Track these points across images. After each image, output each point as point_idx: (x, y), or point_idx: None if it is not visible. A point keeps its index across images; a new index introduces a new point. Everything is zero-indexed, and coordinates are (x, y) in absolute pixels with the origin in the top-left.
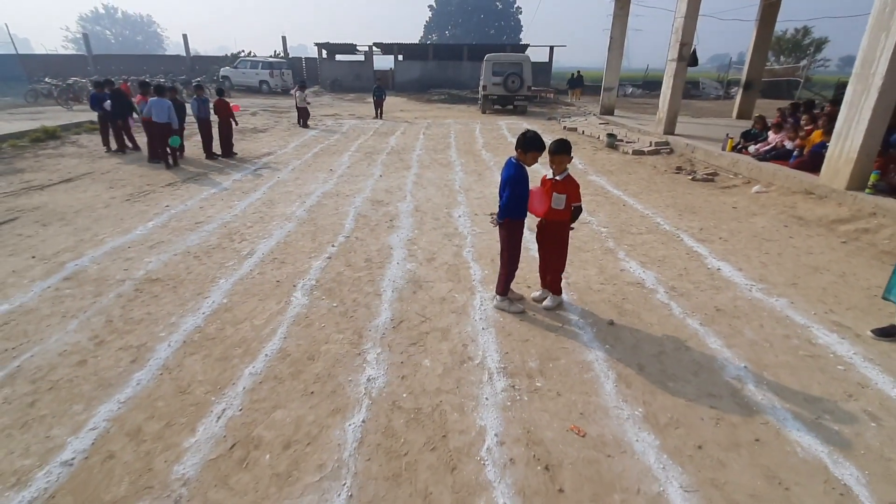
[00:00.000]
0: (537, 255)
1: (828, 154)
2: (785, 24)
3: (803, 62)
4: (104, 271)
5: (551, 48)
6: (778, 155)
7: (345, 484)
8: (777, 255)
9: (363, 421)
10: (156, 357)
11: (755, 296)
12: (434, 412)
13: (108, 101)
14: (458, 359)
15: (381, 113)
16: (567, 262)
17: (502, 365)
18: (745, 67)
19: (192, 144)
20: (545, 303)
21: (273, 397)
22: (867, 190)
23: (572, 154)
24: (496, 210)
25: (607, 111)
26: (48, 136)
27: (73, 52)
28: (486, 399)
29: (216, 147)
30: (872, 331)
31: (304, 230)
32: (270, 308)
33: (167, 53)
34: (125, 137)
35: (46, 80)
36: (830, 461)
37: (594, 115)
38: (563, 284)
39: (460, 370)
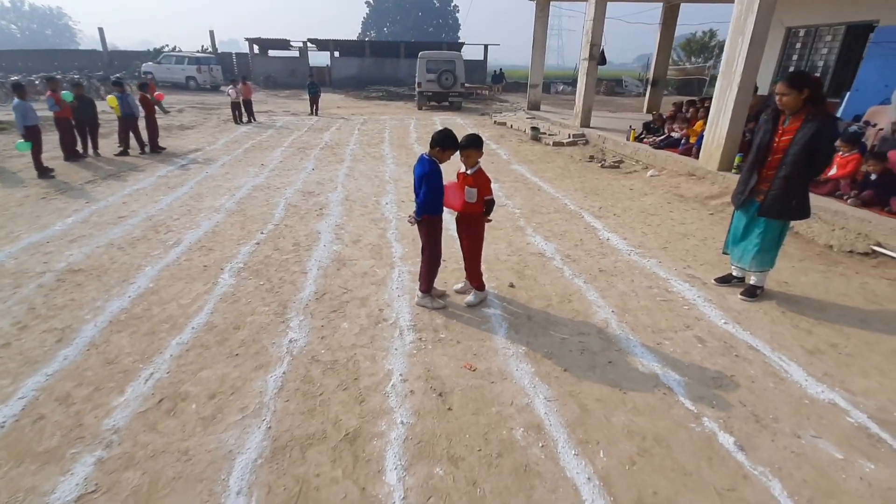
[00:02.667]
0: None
1: (703, 140)
2: (688, 27)
3: (710, 62)
4: (22, 265)
5: (486, 46)
6: (670, 143)
7: (264, 419)
8: (657, 226)
9: (283, 373)
10: (82, 336)
11: (632, 258)
12: (348, 362)
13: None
14: (373, 320)
15: (317, 109)
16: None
17: (412, 323)
18: (652, 66)
19: (113, 141)
20: (468, 299)
21: (199, 361)
22: (734, 170)
23: (499, 146)
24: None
25: (533, 106)
26: None
27: None
28: (396, 349)
29: (127, 143)
30: (715, 279)
31: (232, 220)
32: (197, 289)
33: (81, 48)
34: None
35: None
36: (661, 373)
37: (523, 110)
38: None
39: (375, 329)
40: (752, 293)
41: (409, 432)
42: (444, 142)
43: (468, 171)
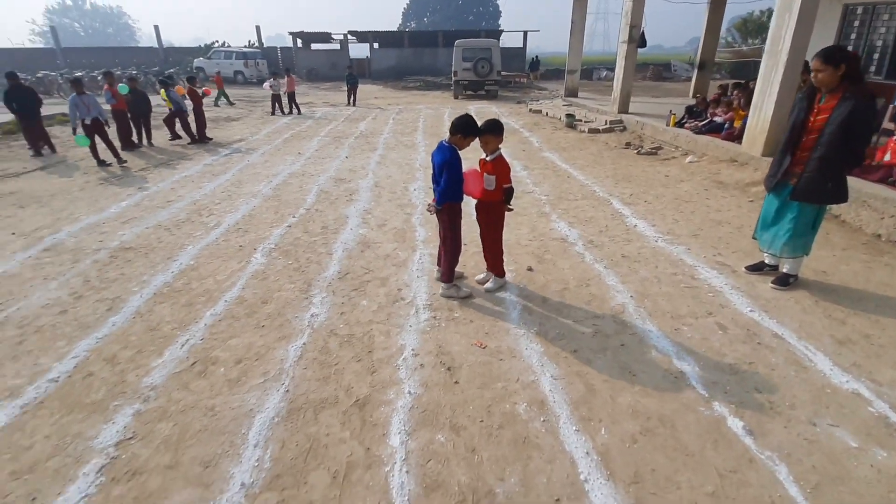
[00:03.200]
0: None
1: (747, 125)
2: (744, 6)
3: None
4: (80, 243)
5: (525, 33)
6: (712, 128)
7: (283, 384)
8: (690, 214)
9: (303, 344)
10: (129, 306)
11: (659, 245)
12: (364, 336)
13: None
14: (391, 299)
15: (355, 100)
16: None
17: (428, 302)
18: (699, 49)
19: (166, 132)
20: (487, 285)
21: (230, 330)
22: None
23: (532, 133)
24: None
25: (571, 93)
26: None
27: (42, 46)
28: (410, 326)
29: (173, 132)
30: (746, 267)
31: (268, 205)
32: (232, 267)
33: (140, 45)
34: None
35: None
36: (676, 357)
37: (560, 97)
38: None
39: (392, 307)
40: (785, 282)
41: (416, 402)
42: (465, 128)
43: (487, 158)
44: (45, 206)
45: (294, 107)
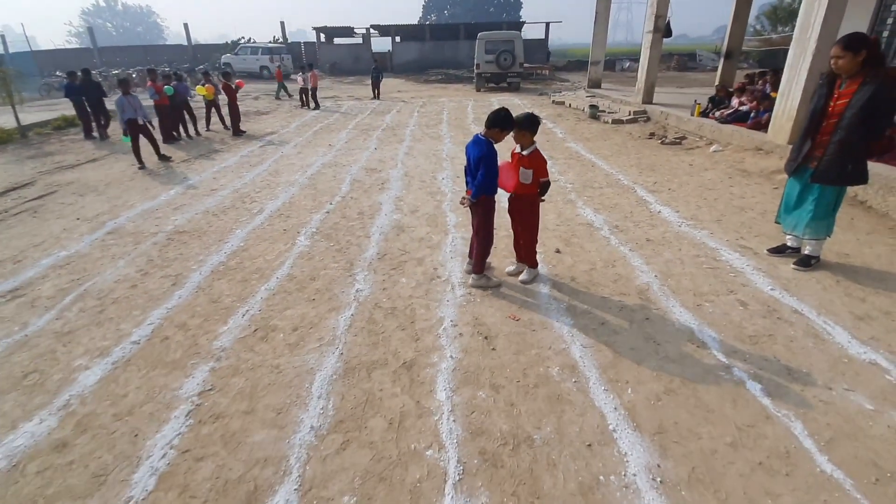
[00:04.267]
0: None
1: (773, 112)
2: None
3: None
4: (139, 227)
5: (547, 24)
6: (738, 117)
7: (337, 348)
8: (713, 200)
9: (352, 315)
10: (190, 281)
11: (682, 230)
12: (406, 309)
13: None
14: (428, 277)
15: (379, 93)
16: None
17: (463, 280)
18: (726, 37)
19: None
20: (522, 276)
21: (284, 303)
22: None
23: (556, 125)
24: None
25: (594, 84)
26: (68, 123)
27: (79, 47)
28: (447, 301)
29: (208, 122)
30: (768, 249)
31: (305, 193)
32: (279, 248)
33: (168, 43)
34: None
35: (57, 73)
36: (697, 329)
37: (583, 89)
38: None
39: (429, 284)
40: (807, 263)
41: (458, 364)
42: (503, 122)
43: (524, 152)
44: (102, 195)
45: (313, 102)
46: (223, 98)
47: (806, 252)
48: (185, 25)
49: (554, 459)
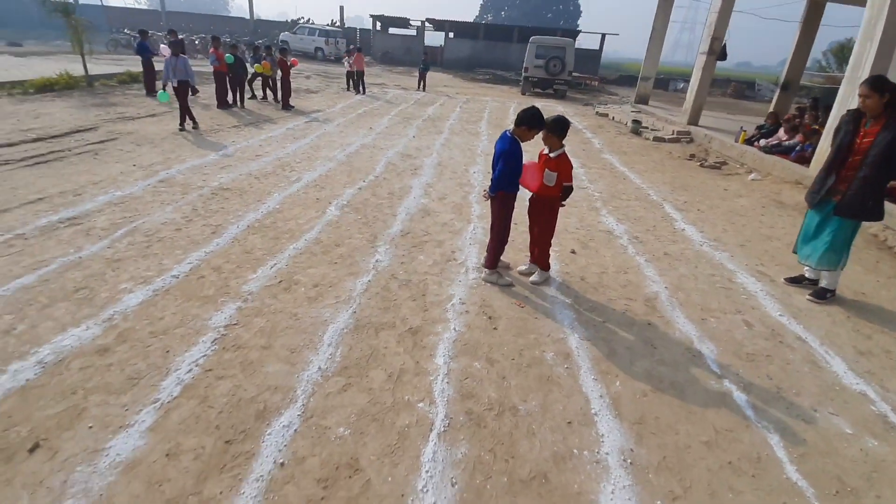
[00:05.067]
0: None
1: (818, 147)
2: (839, 30)
3: None
4: (188, 180)
5: (603, 35)
6: (783, 150)
7: (351, 307)
8: (741, 226)
9: (368, 281)
10: (228, 232)
11: (703, 249)
12: (420, 283)
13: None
14: (445, 258)
15: (424, 85)
16: None
17: (477, 265)
18: (785, 68)
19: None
20: (532, 277)
21: (308, 262)
22: None
23: (595, 135)
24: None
25: (641, 100)
26: (132, 79)
27: (148, 8)
28: (460, 281)
29: (265, 95)
30: (785, 279)
31: (341, 169)
32: (311, 214)
33: (232, 15)
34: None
35: (125, 30)
36: (697, 340)
37: (630, 103)
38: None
39: (445, 264)
40: (822, 295)
41: (459, 337)
42: (531, 121)
43: (551, 155)
44: (157, 147)
45: (360, 87)
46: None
47: (822, 285)
48: (250, 0)
49: (534, 429)
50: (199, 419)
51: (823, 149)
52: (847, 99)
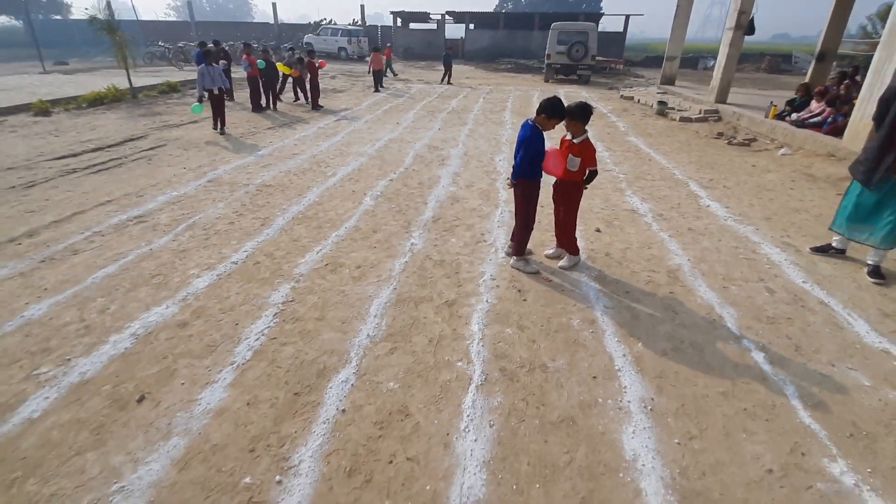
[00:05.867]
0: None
1: (851, 118)
2: None
3: None
4: (234, 179)
5: (627, 17)
6: (816, 123)
7: (392, 284)
8: (768, 200)
9: (406, 262)
10: (276, 224)
11: (727, 224)
12: (453, 262)
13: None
14: (475, 240)
15: (449, 79)
16: None
17: (504, 244)
18: (821, 38)
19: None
20: (561, 262)
21: (350, 247)
22: None
23: (619, 119)
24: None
25: (668, 81)
26: (171, 89)
27: (176, 19)
28: (490, 260)
29: (296, 96)
30: (811, 248)
31: (373, 163)
32: (348, 206)
33: (256, 21)
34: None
35: (160, 43)
36: (718, 306)
37: (655, 84)
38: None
39: (475, 246)
40: (883, 274)
41: (491, 308)
42: (551, 109)
43: (574, 140)
44: (202, 151)
45: (378, 84)
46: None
47: (877, 262)
48: (273, 5)
49: (562, 382)
50: (271, 377)
51: (856, 119)
52: (883, 65)
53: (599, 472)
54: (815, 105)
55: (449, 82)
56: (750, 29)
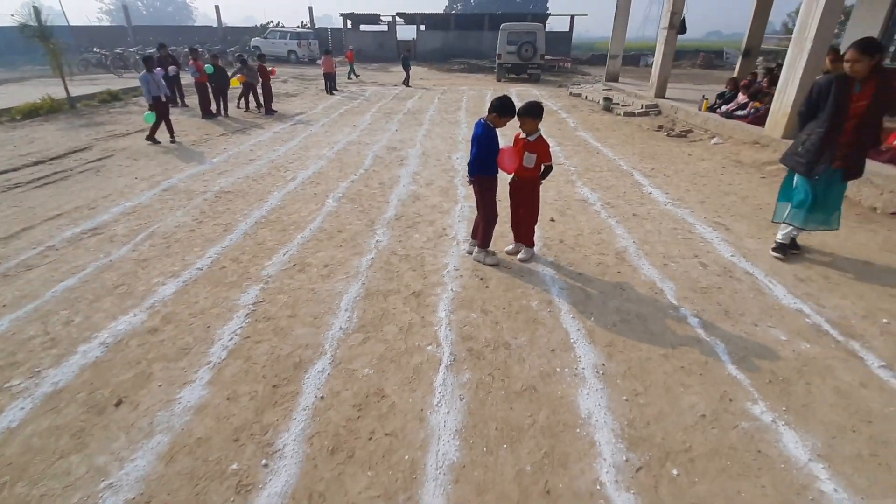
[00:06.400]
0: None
1: (771, 109)
2: None
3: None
4: (190, 187)
5: (572, 17)
6: (743, 114)
7: (360, 280)
8: (703, 186)
9: (372, 258)
10: (239, 229)
11: (667, 208)
12: (417, 256)
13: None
14: (437, 234)
15: (408, 80)
16: None
17: (466, 237)
18: (746, 35)
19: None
20: (520, 255)
21: (316, 247)
22: None
23: (569, 115)
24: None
25: (612, 78)
26: (112, 97)
27: (111, 24)
28: (453, 252)
29: (247, 104)
30: (773, 248)
31: (332, 166)
32: (311, 208)
33: (196, 24)
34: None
35: (95, 49)
36: (659, 281)
37: (601, 82)
38: None
39: (438, 240)
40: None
41: (456, 295)
42: (501, 108)
43: (529, 138)
44: (154, 160)
45: (330, 87)
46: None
47: (793, 236)
48: (217, 7)
49: (524, 357)
50: (248, 372)
51: (775, 109)
52: (795, 60)
53: (559, 429)
54: (740, 97)
55: (407, 84)
56: (682, 28)
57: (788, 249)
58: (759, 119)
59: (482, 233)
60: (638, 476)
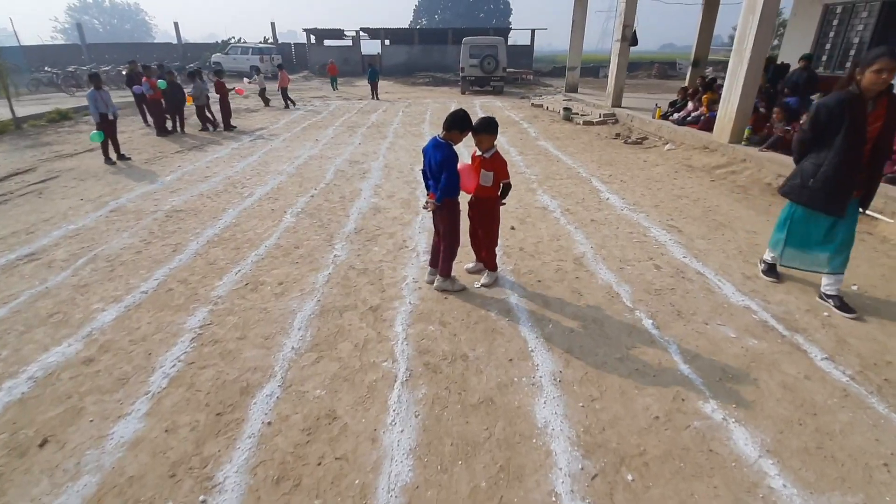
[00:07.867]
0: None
1: (717, 115)
2: (732, 6)
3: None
4: (139, 206)
5: (532, 31)
6: (693, 120)
7: (316, 297)
8: (657, 190)
9: (329, 273)
10: (189, 249)
11: (624, 213)
12: (376, 270)
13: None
14: (398, 246)
15: (377, 94)
16: None
17: (426, 249)
18: (694, 46)
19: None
20: (483, 280)
21: (271, 265)
22: (743, 142)
23: (531, 125)
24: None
25: (571, 89)
26: (62, 116)
27: (65, 42)
28: (412, 264)
29: (203, 122)
30: (763, 271)
31: (292, 181)
32: (267, 224)
33: (156, 41)
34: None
35: (46, 69)
36: (615, 284)
37: (561, 93)
38: None
39: (398, 252)
40: (849, 308)
41: (415, 308)
42: (461, 123)
43: (485, 155)
44: (102, 180)
45: (287, 100)
46: (214, 96)
47: (836, 291)
48: (176, 24)
49: (481, 368)
50: (190, 401)
51: (721, 116)
52: (736, 70)
53: (515, 441)
54: (690, 105)
55: (376, 97)
56: (633, 40)
57: (775, 275)
58: (708, 125)
59: (445, 261)
60: (593, 484)
